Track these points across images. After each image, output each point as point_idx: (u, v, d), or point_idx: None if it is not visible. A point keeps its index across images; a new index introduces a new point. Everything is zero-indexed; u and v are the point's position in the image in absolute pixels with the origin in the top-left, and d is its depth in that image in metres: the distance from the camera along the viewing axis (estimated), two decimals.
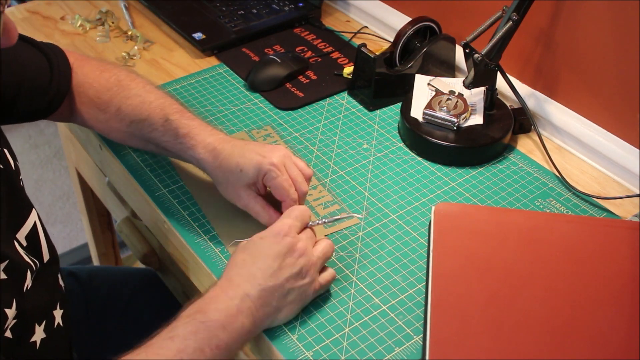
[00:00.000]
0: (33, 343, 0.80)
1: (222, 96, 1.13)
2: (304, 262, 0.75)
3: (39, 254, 0.83)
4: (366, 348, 0.75)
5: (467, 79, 0.98)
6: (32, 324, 0.80)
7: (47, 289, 0.84)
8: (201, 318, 0.70)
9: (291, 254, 0.75)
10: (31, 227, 0.82)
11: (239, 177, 0.84)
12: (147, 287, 1.22)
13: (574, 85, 1.00)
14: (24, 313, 0.76)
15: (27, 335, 0.79)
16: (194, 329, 0.69)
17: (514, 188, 0.96)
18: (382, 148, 1.02)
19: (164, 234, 0.94)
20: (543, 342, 0.71)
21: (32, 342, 0.79)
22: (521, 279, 0.77)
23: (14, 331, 0.75)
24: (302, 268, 0.75)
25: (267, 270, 0.74)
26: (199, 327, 0.69)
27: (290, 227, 0.77)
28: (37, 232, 0.84)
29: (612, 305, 0.74)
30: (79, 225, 2.30)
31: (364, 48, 1.08)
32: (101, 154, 1.06)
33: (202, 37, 1.24)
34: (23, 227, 0.80)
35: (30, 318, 0.79)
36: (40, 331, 0.81)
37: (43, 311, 0.82)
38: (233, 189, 0.85)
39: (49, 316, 0.84)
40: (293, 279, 0.75)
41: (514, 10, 0.92)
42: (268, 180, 0.82)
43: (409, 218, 0.91)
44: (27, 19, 1.34)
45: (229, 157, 0.84)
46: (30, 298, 0.78)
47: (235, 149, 0.85)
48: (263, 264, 0.74)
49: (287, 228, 0.76)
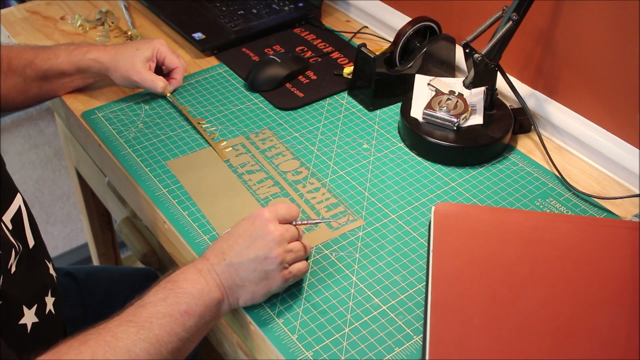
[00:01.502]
0: (23, 326, 0.81)
1: (222, 96, 1.13)
2: (273, 246, 0.76)
3: (24, 238, 0.85)
4: (366, 348, 0.75)
5: (467, 79, 0.98)
6: (19, 306, 0.81)
7: (35, 274, 0.86)
8: (170, 286, 0.75)
9: (263, 236, 0.76)
10: (16, 211, 0.84)
11: (135, 55, 1.06)
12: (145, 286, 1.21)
13: (574, 85, 1.00)
14: (8, 293, 0.78)
15: (15, 316, 0.81)
16: (163, 295, 0.74)
17: (514, 188, 0.96)
18: (382, 148, 1.02)
19: (164, 234, 0.94)
20: (543, 342, 0.71)
21: (21, 325, 0.81)
22: (521, 279, 0.77)
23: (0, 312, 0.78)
24: (269, 252, 0.76)
25: (235, 248, 0.77)
26: (168, 294, 0.74)
27: (270, 212, 0.79)
28: (21, 216, 0.85)
29: (612, 305, 0.74)
30: (79, 225, 2.30)
31: (364, 48, 1.08)
32: (101, 154, 1.07)
33: (202, 37, 1.24)
34: (8, 211, 0.82)
35: (17, 299, 0.81)
36: (31, 315, 0.83)
37: (33, 295, 0.84)
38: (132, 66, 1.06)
39: (40, 301, 0.86)
40: (259, 261, 0.76)
41: (514, 10, 0.92)
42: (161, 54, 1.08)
43: (409, 218, 0.91)
44: (27, 19, 1.34)
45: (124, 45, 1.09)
46: (16, 280, 0.80)
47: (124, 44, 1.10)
48: (234, 242, 0.77)
49: (267, 212, 0.78)
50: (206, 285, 0.75)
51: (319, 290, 0.81)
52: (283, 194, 0.94)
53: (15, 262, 0.81)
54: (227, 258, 0.76)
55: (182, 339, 0.72)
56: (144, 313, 0.72)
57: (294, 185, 0.95)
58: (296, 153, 1.01)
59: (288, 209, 0.80)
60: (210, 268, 0.76)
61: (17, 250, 0.82)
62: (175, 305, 0.73)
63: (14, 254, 0.80)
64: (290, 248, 0.78)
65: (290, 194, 0.94)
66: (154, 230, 0.99)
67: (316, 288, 0.82)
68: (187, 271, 0.76)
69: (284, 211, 0.80)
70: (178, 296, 0.73)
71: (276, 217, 0.79)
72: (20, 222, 0.85)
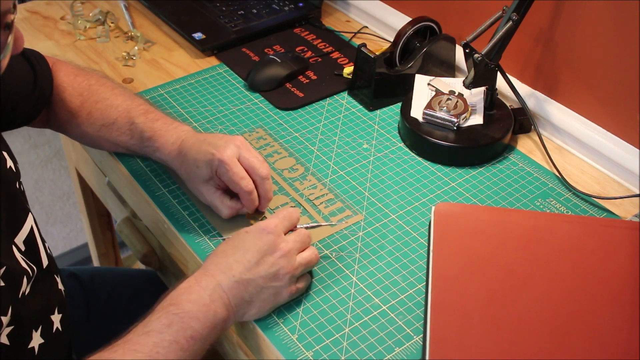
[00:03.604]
0: (31, 349, 0.79)
1: (222, 96, 1.13)
2: (284, 263, 0.75)
3: (38, 259, 0.83)
4: (366, 348, 0.75)
5: (467, 79, 0.98)
6: (30, 330, 0.79)
7: (44, 295, 0.83)
8: (174, 310, 0.71)
9: (272, 252, 0.75)
10: (28, 232, 0.81)
11: (196, 173, 0.86)
12: (148, 288, 1.21)
13: (574, 85, 1.00)
14: (20, 319, 0.76)
15: (25, 341, 0.78)
16: (167, 321, 0.70)
17: (514, 188, 0.96)
18: (382, 148, 1.02)
19: (164, 234, 0.94)
20: (543, 341, 0.71)
21: (30, 349, 0.79)
22: (521, 279, 0.77)
23: (10, 338, 0.75)
24: (280, 268, 0.75)
25: (244, 264, 0.74)
26: (173, 319, 0.70)
27: (276, 226, 0.77)
28: (34, 236, 0.83)
29: (612, 305, 0.74)
30: (79, 225, 2.30)
31: (364, 48, 1.08)
32: (101, 154, 1.06)
33: (202, 37, 1.24)
34: (21, 232, 0.80)
35: (27, 324, 0.78)
36: (38, 337, 0.80)
37: (39, 317, 0.82)
38: (194, 185, 0.88)
39: (46, 321, 0.83)
40: (269, 277, 0.75)
41: (514, 10, 0.92)
42: (221, 176, 0.85)
43: (409, 218, 0.91)
44: (27, 19, 1.34)
45: (188, 153, 0.87)
46: (26, 304, 0.77)
47: (194, 144, 0.87)
48: (242, 257, 0.75)
49: (273, 226, 0.77)
50: (212, 305, 0.72)
51: (319, 290, 0.81)
52: (281, 192, 0.94)
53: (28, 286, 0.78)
54: (235, 274, 0.74)
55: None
56: (149, 341, 0.68)
57: (291, 183, 0.95)
58: (295, 153, 1.01)
59: (290, 218, 0.79)
60: (216, 285, 0.73)
61: (31, 275, 0.79)
62: (181, 331, 0.69)
63: (26, 281, 0.77)
64: (299, 262, 0.77)
65: (288, 192, 0.94)
66: (154, 230, 0.99)
67: (316, 288, 0.82)
68: (191, 290, 0.73)
69: (287, 222, 0.79)
70: (183, 321, 0.70)
71: (282, 230, 0.78)
72: (34, 243, 0.82)
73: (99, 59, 1.22)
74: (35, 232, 0.83)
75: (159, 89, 1.14)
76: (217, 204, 0.87)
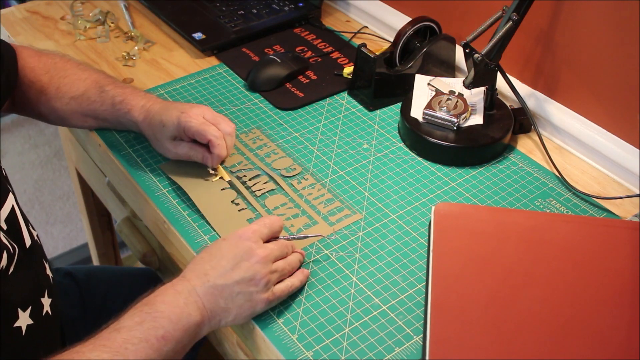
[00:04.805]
0: (18, 329, 0.79)
1: (222, 96, 1.13)
2: (259, 268, 0.75)
3: (20, 238, 0.83)
4: (366, 348, 0.75)
5: (467, 79, 0.98)
6: (14, 309, 0.79)
7: (31, 275, 0.84)
8: (147, 310, 0.72)
9: (248, 258, 0.75)
10: (9, 211, 0.82)
11: (162, 131, 0.93)
12: (146, 286, 1.21)
13: (574, 85, 1.00)
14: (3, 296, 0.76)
15: (9, 319, 0.78)
16: (139, 319, 0.71)
17: (514, 188, 0.96)
18: (382, 148, 1.02)
19: (163, 234, 0.94)
20: (543, 342, 0.71)
21: (16, 328, 0.79)
22: (521, 279, 0.77)
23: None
24: (255, 273, 0.75)
25: (219, 270, 0.75)
26: (145, 317, 0.71)
27: (254, 232, 0.77)
28: (15, 216, 0.83)
29: (612, 305, 0.74)
30: (79, 225, 2.30)
31: (364, 48, 1.08)
32: (101, 154, 1.06)
33: (202, 37, 1.24)
34: (1, 210, 0.80)
35: (12, 302, 0.79)
36: (26, 317, 0.80)
37: (28, 297, 0.82)
38: (161, 143, 0.95)
39: (35, 303, 0.83)
40: (244, 283, 0.74)
41: (514, 10, 0.92)
42: (187, 131, 0.91)
43: (409, 218, 0.91)
44: (27, 19, 1.34)
45: (155, 115, 0.94)
46: (10, 282, 0.78)
47: (162, 108, 0.94)
48: (217, 263, 0.75)
49: (250, 233, 0.77)
50: (185, 309, 0.72)
51: (319, 290, 0.81)
52: (279, 192, 0.94)
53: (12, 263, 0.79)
54: (210, 280, 0.74)
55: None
56: (118, 337, 0.69)
57: (290, 183, 0.95)
58: (295, 153, 1.01)
59: (270, 226, 0.79)
60: (191, 290, 0.74)
61: (11, 251, 0.80)
62: (152, 330, 0.70)
63: (7, 256, 0.78)
64: (274, 268, 0.77)
65: (287, 192, 0.94)
66: (154, 230, 0.99)
67: (316, 288, 0.82)
68: (166, 292, 0.73)
69: (267, 230, 0.79)
70: (155, 320, 0.70)
71: (260, 237, 0.78)
72: (15, 222, 0.83)
73: (99, 59, 1.22)
74: (17, 212, 0.84)
75: (159, 89, 1.14)
76: (187, 150, 0.93)
